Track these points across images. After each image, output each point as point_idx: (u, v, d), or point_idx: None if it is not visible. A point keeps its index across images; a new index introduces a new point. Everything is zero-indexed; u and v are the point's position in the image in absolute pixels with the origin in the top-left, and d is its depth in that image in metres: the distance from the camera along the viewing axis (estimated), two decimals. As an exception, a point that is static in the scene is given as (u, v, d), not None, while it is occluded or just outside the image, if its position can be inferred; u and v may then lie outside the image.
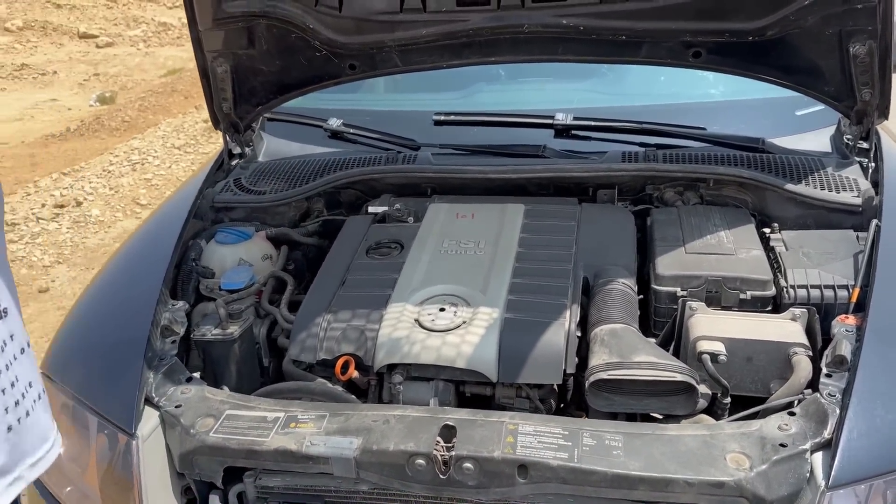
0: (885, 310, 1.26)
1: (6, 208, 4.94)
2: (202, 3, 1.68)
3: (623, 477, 1.08)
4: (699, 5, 1.58)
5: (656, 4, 1.60)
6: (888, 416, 1.11)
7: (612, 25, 1.64)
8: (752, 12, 1.58)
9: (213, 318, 1.50)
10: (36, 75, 10.50)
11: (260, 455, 1.18)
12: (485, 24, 1.67)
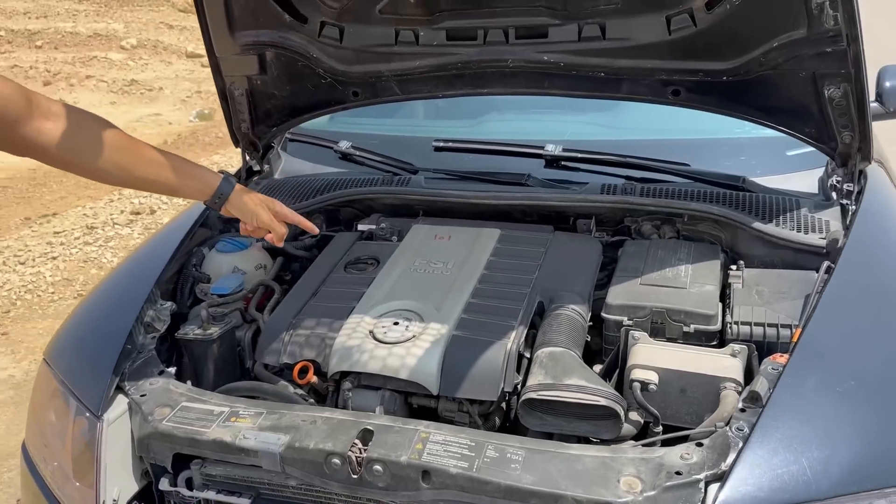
0: (811, 350, 1.27)
1: (90, 212, 5.35)
2: (218, 32, 1.85)
3: (515, 489, 1.14)
4: (672, 45, 1.63)
5: (630, 44, 1.66)
6: (788, 455, 1.13)
7: (590, 62, 1.71)
8: (724, 53, 1.62)
9: (199, 319, 1.65)
10: (144, 91, 11.23)
11: (200, 444, 1.30)
12: (473, 58, 1.78)
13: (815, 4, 1.46)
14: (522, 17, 1.69)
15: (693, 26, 1.60)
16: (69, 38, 13.84)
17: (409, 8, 1.73)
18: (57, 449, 1.49)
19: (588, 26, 1.67)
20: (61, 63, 12.29)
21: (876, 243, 1.56)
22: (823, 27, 1.48)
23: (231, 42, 1.85)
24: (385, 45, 1.80)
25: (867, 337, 1.33)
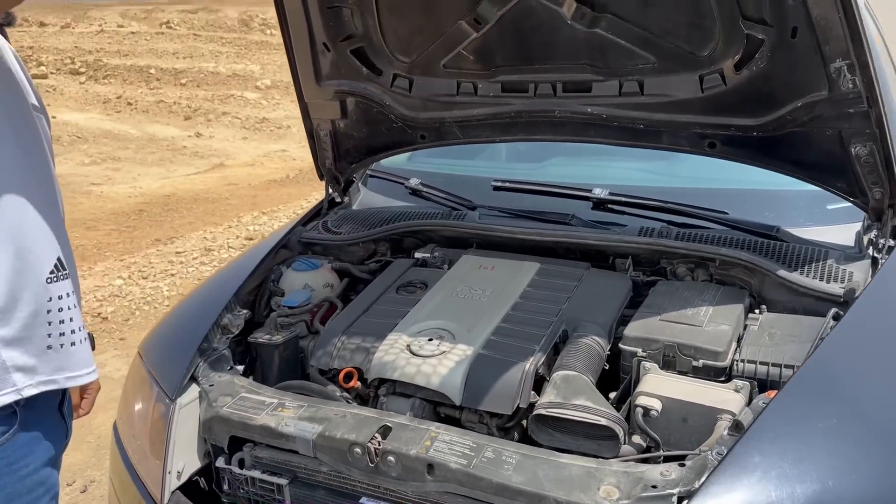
0: (800, 388, 1.37)
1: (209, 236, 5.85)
2: (307, 81, 2.13)
3: (505, 487, 1.29)
4: (704, 101, 1.77)
5: (666, 99, 1.81)
6: (757, 477, 1.23)
7: (630, 115, 1.87)
8: (753, 110, 1.73)
9: (269, 327, 1.90)
10: (273, 128, 12.05)
11: (250, 428, 1.53)
12: (524, 108, 1.96)
13: (833, 69, 1.56)
14: (569, 74, 1.87)
15: (724, 85, 1.73)
16: (210, 78, 15.01)
17: (470, 63, 1.94)
18: (140, 429, 1.75)
19: (628, 83, 1.82)
20: (202, 100, 13.35)
21: (892, 295, 1.62)
22: (843, 90, 1.58)
23: (317, 90, 2.12)
24: (448, 95, 2.02)
25: (858, 379, 1.40)
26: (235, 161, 10.30)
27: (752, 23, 1.60)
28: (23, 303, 1.20)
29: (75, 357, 1.29)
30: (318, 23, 1.96)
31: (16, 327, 1.19)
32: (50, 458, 1.29)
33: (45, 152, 1.30)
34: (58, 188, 1.34)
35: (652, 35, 1.72)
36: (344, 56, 2.02)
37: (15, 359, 1.19)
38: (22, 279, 1.20)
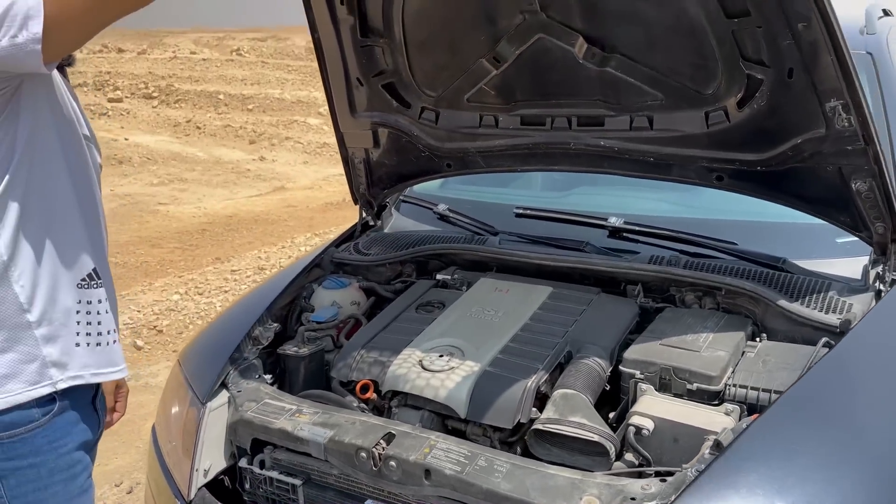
0: (781, 412, 1.43)
1: (263, 255, 6.09)
2: (342, 113, 2.28)
3: (493, 493, 1.39)
4: (710, 137, 1.85)
5: (674, 134, 1.89)
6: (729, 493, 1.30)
7: (641, 148, 1.96)
8: (756, 146, 1.81)
9: (297, 340, 2.04)
10: (333, 153, 12.39)
11: (270, 431, 1.66)
12: (542, 140, 2.08)
13: (829, 108, 1.63)
14: (583, 108, 1.98)
15: (728, 122, 1.81)
16: (276, 104, 15.53)
17: (491, 98, 2.07)
18: (175, 431, 1.90)
19: (638, 118, 1.92)
20: (266, 125, 13.82)
21: (887, 327, 1.66)
22: (839, 128, 1.64)
23: (352, 121, 2.27)
24: (471, 127, 2.15)
25: (840, 405, 1.45)
26: (296, 184, 10.64)
27: (752, 63, 1.68)
28: (59, 305, 1.37)
29: (102, 356, 1.45)
30: (353, 59, 2.11)
31: (52, 326, 1.36)
32: (84, 441, 1.45)
33: (91, 178, 1.46)
34: (101, 209, 1.51)
35: (659, 74, 1.82)
36: (376, 90, 2.17)
37: (51, 354, 1.36)
38: (59, 286, 1.37)
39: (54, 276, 1.36)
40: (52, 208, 1.36)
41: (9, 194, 1.29)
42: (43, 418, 1.36)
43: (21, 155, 1.29)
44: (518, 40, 1.89)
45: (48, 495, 1.38)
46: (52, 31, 1.16)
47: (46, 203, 1.34)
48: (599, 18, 1.78)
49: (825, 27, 1.49)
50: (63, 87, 1.39)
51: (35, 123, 1.30)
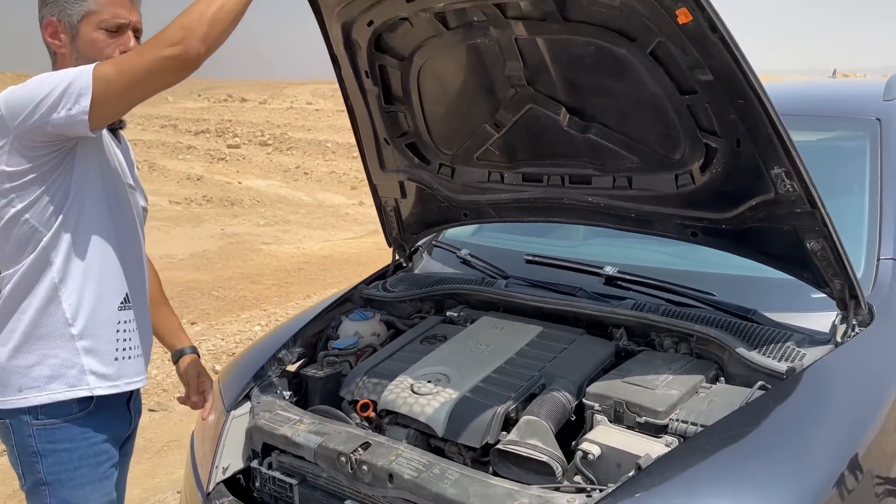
0: (696, 442, 1.62)
1: (344, 293, 6.49)
2: (374, 167, 2.60)
3: (440, 496, 1.63)
4: (680, 197, 2.05)
5: (650, 193, 2.10)
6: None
7: (623, 205, 2.17)
8: (719, 206, 1.99)
9: (318, 364, 2.34)
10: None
11: (274, 437, 1.96)
12: (540, 195, 2.32)
13: (774, 174, 1.81)
14: (573, 168, 2.21)
15: (693, 184, 2.00)
16: (378, 151, 16.27)
17: (496, 157, 2.34)
18: (206, 435, 2.23)
19: (619, 178, 2.14)
20: (368, 171, 14.49)
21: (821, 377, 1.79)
22: (783, 192, 1.81)
23: (382, 174, 2.59)
24: (481, 182, 2.42)
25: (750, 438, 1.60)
26: (388, 229, 11.10)
27: (707, 134, 1.88)
28: (99, 323, 1.72)
29: (131, 368, 1.80)
30: (380, 122, 2.44)
31: (93, 340, 1.71)
32: (113, 435, 1.79)
33: (133, 220, 1.83)
34: (142, 244, 1.87)
35: (632, 141, 2.04)
36: (400, 149, 2.48)
37: (90, 364, 1.71)
38: (100, 307, 1.73)
39: (96, 299, 1.72)
40: (96, 243, 1.72)
41: (62, 230, 1.67)
42: (79, 413, 1.71)
43: (73, 199, 1.67)
44: (513, 109, 2.16)
45: (76, 475, 1.73)
46: (97, 106, 1.53)
47: (92, 238, 1.71)
48: (578, 92, 2.03)
49: (760, 104, 1.69)
50: (112, 145, 1.77)
51: (85, 174, 1.68)
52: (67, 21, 1.70)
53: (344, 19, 2.12)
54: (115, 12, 1.72)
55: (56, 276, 1.68)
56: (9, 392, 1.70)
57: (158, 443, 4.02)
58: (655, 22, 1.68)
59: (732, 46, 1.61)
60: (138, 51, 1.58)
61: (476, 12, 1.93)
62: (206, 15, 1.51)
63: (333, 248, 9.95)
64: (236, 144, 17.70)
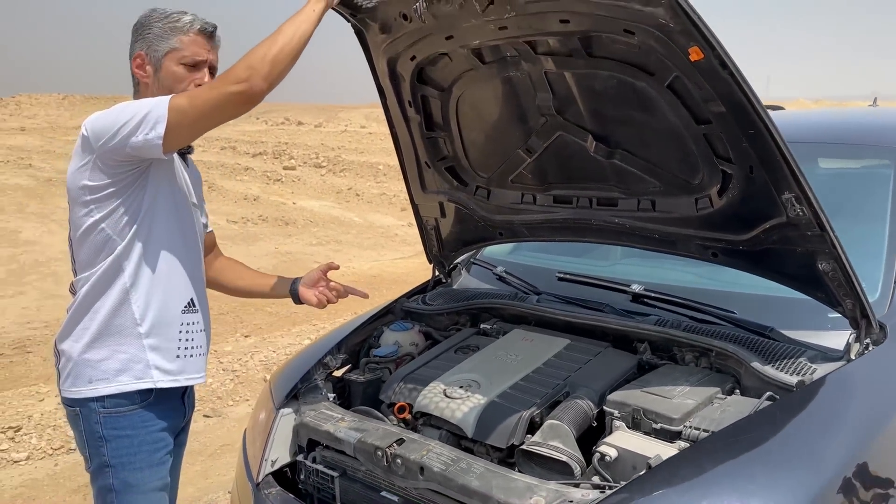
0: (703, 445, 1.74)
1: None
2: (415, 189, 2.79)
3: (465, 487, 1.78)
4: (700, 219, 2.18)
5: (673, 215, 2.24)
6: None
7: (647, 227, 2.31)
8: (735, 228, 2.12)
9: (360, 370, 2.52)
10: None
11: (318, 433, 2.14)
12: (570, 216, 2.48)
13: (784, 199, 1.93)
14: (600, 191, 2.37)
15: (712, 207, 2.14)
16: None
17: (529, 180, 2.51)
18: (258, 433, 2.42)
19: (643, 200, 2.28)
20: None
21: (828, 389, 1.90)
22: (794, 216, 1.94)
23: (423, 195, 2.78)
24: (515, 203, 2.59)
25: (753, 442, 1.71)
26: (436, 250, 11.32)
27: (723, 160, 2.02)
28: (165, 323, 1.93)
29: (192, 365, 2.01)
30: (421, 147, 2.63)
31: (159, 338, 1.92)
32: (169, 425, 1.99)
33: (196, 233, 2.04)
34: (201, 255, 2.08)
35: (654, 166, 2.19)
36: (440, 171, 2.66)
37: (155, 360, 1.92)
38: (166, 309, 1.94)
39: (162, 302, 1.94)
40: (164, 253, 1.94)
41: (135, 240, 1.89)
42: (141, 403, 1.93)
43: (145, 213, 1.89)
44: (544, 136, 2.33)
45: (136, 459, 1.93)
46: (171, 133, 1.76)
47: (160, 248, 1.93)
48: (603, 121, 2.19)
49: (769, 134, 1.82)
50: (180, 167, 1.99)
51: (156, 191, 1.90)
52: (153, 55, 1.95)
53: (389, 55, 2.32)
54: (195, 51, 1.96)
55: (127, 281, 1.90)
56: (80, 383, 1.92)
57: (212, 446, 4.25)
58: (671, 59, 1.83)
59: (741, 81, 1.75)
60: (209, 86, 1.80)
61: (509, 48, 2.11)
62: (269, 56, 1.73)
63: (382, 268, 10.18)
64: (292, 166, 18.20)
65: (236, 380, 5.33)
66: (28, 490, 3.80)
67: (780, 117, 3.81)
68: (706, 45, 1.73)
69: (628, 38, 1.84)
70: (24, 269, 8.99)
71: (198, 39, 1.98)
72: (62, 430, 4.44)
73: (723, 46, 1.72)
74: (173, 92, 1.89)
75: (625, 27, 1.81)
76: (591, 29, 1.89)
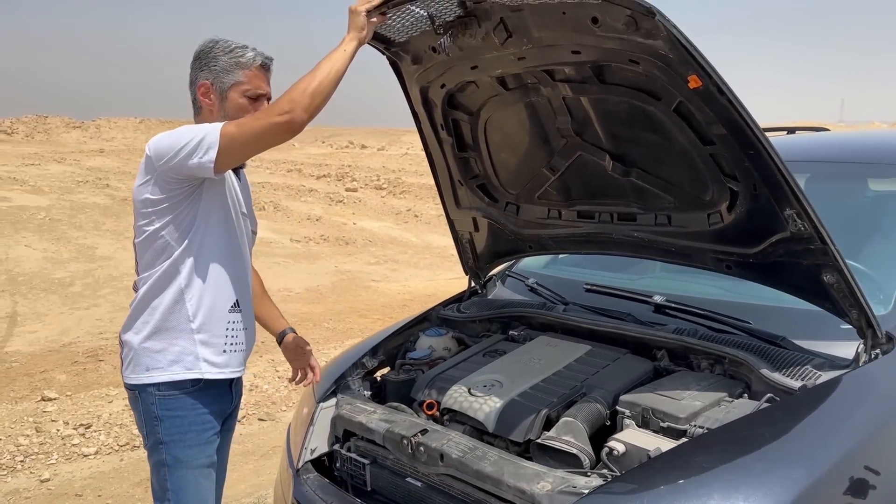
0: (700, 440, 1.88)
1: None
2: (450, 204, 2.99)
3: (480, 472, 1.96)
4: (712, 233, 2.32)
5: (687, 229, 2.38)
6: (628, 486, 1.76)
7: (664, 240, 2.46)
8: (745, 242, 2.25)
9: (396, 370, 2.73)
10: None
11: (352, 424, 2.35)
12: (593, 230, 2.64)
13: (787, 215, 2.06)
14: (620, 207, 2.52)
15: (722, 222, 2.27)
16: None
17: (554, 196, 2.68)
18: (300, 424, 2.64)
19: (660, 216, 2.43)
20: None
21: (828, 392, 2.00)
22: (796, 231, 2.06)
23: (458, 210, 2.98)
24: (542, 218, 2.76)
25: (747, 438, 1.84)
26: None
27: (729, 178, 2.16)
28: (214, 321, 2.17)
29: (236, 359, 2.24)
30: (454, 166, 2.83)
31: (208, 334, 2.16)
32: (217, 410, 2.22)
33: (244, 241, 2.28)
34: (248, 261, 2.32)
35: (668, 184, 2.34)
36: (472, 189, 2.86)
37: (203, 353, 2.16)
38: (215, 309, 2.18)
39: (212, 302, 2.18)
40: (214, 259, 2.18)
41: (190, 247, 2.14)
42: (192, 388, 2.16)
43: (198, 223, 2.14)
44: (565, 155, 2.50)
45: (186, 438, 2.17)
46: (221, 157, 2.01)
47: (212, 254, 2.17)
48: (619, 141, 2.36)
49: (767, 154, 1.96)
50: (232, 180, 2.24)
51: (209, 203, 2.15)
52: (219, 86, 2.20)
53: (421, 83, 2.55)
54: (258, 84, 2.22)
55: (182, 283, 2.14)
56: (139, 371, 2.17)
57: (265, 447, 4.51)
58: (673, 85, 2.00)
59: (738, 106, 1.90)
60: (255, 116, 2.05)
61: (529, 76, 2.30)
62: (308, 90, 1.97)
63: (437, 287, 10.37)
64: (354, 188, 18.69)
65: (290, 387, 5.60)
66: (96, 482, 4.10)
67: (826, 138, 3.89)
68: (703, 74, 1.88)
69: (634, 66, 2.02)
70: (98, 283, 9.52)
71: (259, 74, 2.23)
72: (128, 428, 4.77)
73: (719, 74, 1.88)
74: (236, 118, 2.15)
75: (630, 57, 1.99)
76: (600, 59, 2.08)
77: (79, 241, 11.76)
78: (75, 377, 6.08)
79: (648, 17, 1.85)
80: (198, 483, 2.19)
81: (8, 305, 8.42)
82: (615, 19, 1.91)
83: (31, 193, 16.38)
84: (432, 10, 2.23)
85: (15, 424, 4.90)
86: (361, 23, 2.12)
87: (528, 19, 2.09)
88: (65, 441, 4.63)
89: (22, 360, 6.54)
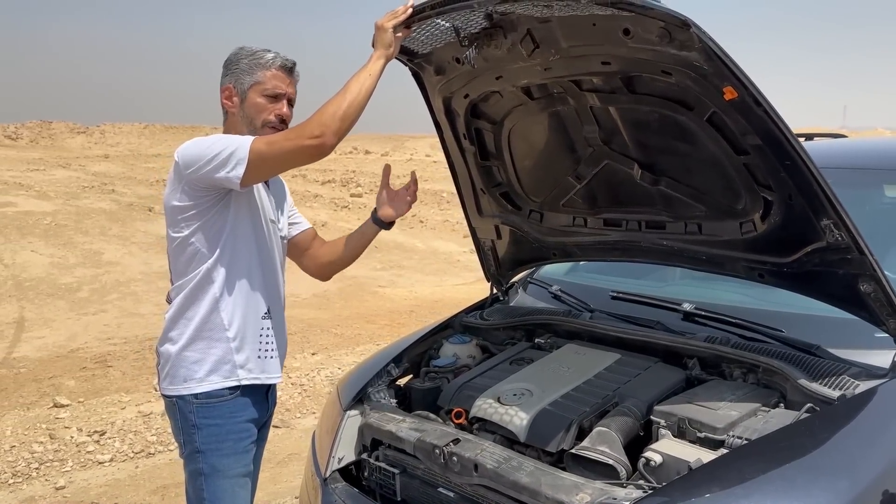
0: (741, 451, 1.86)
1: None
2: (472, 213, 2.97)
3: (516, 483, 1.93)
4: (745, 242, 2.29)
5: (718, 238, 2.36)
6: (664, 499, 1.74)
7: (694, 249, 2.44)
8: (779, 251, 2.23)
9: (421, 378, 2.71)
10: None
11: (381, 432, 2.33)
12: (619, 238, 2.62)
13: (823, 225, 2.04)
14: (648, 215, 2.51)
15: (755, 231, 2.25)
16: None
17: (580, 204, 2.66)
18: (326, 432, 2.62)
19: (690, 224, 2.41)
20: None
21: (868, 402, 1.98)
22: (833, 241, 2.04)
23: (480, 219, 2.97)
24: (567, 226, 2.75)
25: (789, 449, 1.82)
26: (497, 276, 11.50)
27: (763, 188, 2.14)
28: (248, 328, 2.16)
29: (270, 365, 2.22)
30: (477, 175, 2.81)
31: (243, 342, 2.15)
32: (253, 418, 2.21)
33: (273, 248, 2.27)
34: (278, 268, 2.31)
35: (699, 192, 2.32)
36: (495, 197, 2.85)
37: (240, 360, 2.14)
38: (249, 317, 2.17)
39: (245, 310, 2.17)
40: (246, 268, 2.17)
41: (222, 255, 2.13)
42: (229, 396, 2.15)
43: (228, 232, 2.13)
44: (592, 164, 2.49)
45: (223, 446, 2.15)
46: (249, 172, 2.01)
47: (243, 263, 2.16)
48: (648, 150, 2.34)
49: (804, 165, 1.94)
50: (262, 188, 2.23)
51: (238, 212, 2.14)
52: (240, 88, 2.20)
53: (444, 94, 2.54)
54: (276, 84, 2.22)
55: (217, 292, 2.13)
56: (177, 382, 2.16)
57: (281, 455, 4.49)
58: (707, 96, 1.98)
59: (775, 117, 1.88)
60: (286, 136, 2.05)
61: (555, 86, 2.29)
62: (338, 113, 1.98)
63: (444, 293, 10.36)
64: (359, 194, 18.68)
65: (304, 393, 5.59)
66: (111, 489, 4.08)
67: (843, 145, 3.88)
68: (740, 86, 1.86)
69: (666, 77, 2.00)
70: (105, 288, 9.51)
71: (278, 74, 2.23)
72: (142, 435, 4.75)
73: (755, 85, 1.86)
74: (255, 120, 2.15)
75: (662, 69, 1.97)
76: (632, 70, 2.06)
77: (85, 246, 11.76)
78: (84, 383, 6.06)
79: (683, 29, 1.83)
80: (234, 492, 2.17)
81: (15, 311, 8.41)
82: (648, 31, 1.89)
83: (37, 199, 16.39)
84: (457, 23, 2.22)
85: (28, 431, 4.89)
86: (389, 39, 2.12)
87: (557, 31, 2.07)
88: (79, 448, 4.61)
89: (30, 366, 6.53)
